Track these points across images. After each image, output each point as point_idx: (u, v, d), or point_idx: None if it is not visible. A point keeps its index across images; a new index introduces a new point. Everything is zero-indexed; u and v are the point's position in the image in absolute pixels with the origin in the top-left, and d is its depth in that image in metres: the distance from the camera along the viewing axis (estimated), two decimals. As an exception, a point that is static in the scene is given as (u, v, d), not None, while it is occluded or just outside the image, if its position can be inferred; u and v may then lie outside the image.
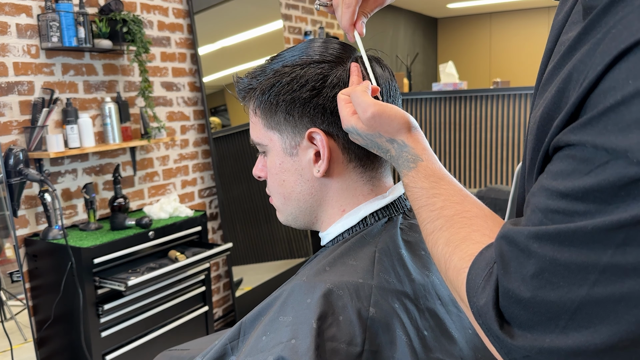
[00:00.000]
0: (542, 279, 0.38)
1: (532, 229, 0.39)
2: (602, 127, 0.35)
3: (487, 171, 4.45)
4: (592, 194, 0.35)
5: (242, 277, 3.10)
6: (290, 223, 0.77)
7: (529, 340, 0.39)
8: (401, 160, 0.61)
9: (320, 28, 3.92)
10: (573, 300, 0.36)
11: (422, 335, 0.62)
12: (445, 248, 0.52)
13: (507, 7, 6.73)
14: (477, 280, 0.45)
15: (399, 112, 0.61)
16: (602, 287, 0.34)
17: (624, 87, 0.34)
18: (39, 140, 2.06)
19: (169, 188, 2.78)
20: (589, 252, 0.35)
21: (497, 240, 0.43)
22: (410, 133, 0.61)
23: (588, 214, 0.35)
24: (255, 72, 0.72)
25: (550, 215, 0.38)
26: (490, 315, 0.42)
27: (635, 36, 0.34)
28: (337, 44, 0.72)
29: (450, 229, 0.52)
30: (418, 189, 0.58)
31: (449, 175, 0.59)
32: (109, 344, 2.06)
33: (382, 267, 0.64)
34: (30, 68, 2.10)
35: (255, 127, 0.74)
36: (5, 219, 1.84)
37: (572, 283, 0.36)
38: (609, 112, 0.35)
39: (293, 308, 0.61)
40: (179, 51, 2.78)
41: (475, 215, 0.52)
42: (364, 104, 0.61)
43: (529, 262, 0.39)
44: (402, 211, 0.74)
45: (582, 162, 0.36)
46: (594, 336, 0.35)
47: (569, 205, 0.37)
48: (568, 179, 0.37)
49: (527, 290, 0.39)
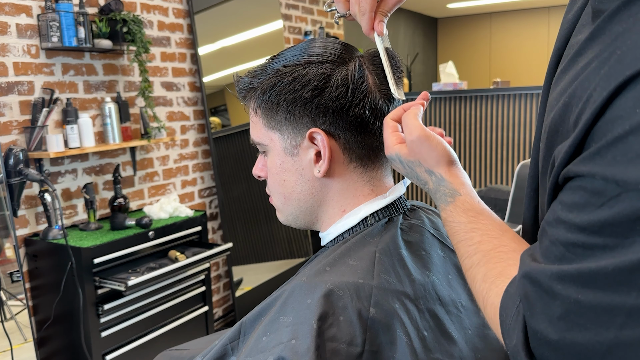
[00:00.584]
0: (569, 321, 0.37)
1: (555, 270, 0.38)
2: (611, 158, 0.34)
3: (487, 171, 4.45)
4: (608, 227, 0.34)
5: (242, 277, 3.10)
6: (291, 223, 0.77)
7: None
8: (439, 194, 0.61)
9: (320, 28, 3.92)
10: (602, 344, 0.35)
11: (422, 336, 0.62)
12: (483, 284, 0.51)
13: (507, 7, 6.73)
14: (508, 320, 0.44)
15: (442, 144, 0.61)
16: (631, 330, 0.33)
17: (631, 116, 0.33)
18: (39, 140, 2.06)
19: (169, 188, 2.78)
20: (613, 294, 0.34)
21: (520, 280, 0.42)
22: (450, 167, 0.61)
23: (607, 249, 0.34)
24: (256, 72, 0.72)
25: (572, 249, 0.37)
26: (521, 356, 0.42)
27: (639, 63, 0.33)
28: (338, 43, 0.72)
29: (488, 264, 0.51)
30: (456, 224, 0.58)
31: (488, 210, 0.58)
32: (109, 344, 2.06)
33: (382, 267, 0.64)
34: (30, 68, 2.10)
35: (255, 127, 0.74)
36: (5, 219, 1.84)
37: (600, 326, 0.35)
38: (618, 143, 0.34)
39: (293, 308, 0.61)
40: (179, 51, 2.78)
41: (513, 249, 0.51)
42: (413, 126, 0.61)
43: (555, 303, 0.38)
44: (402, 211, 0.74)
45: (594, 195, 0.35)
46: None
47: (588, 238, 0.36)
48: (583, 212, 0.36)
49: (555, 332, 0.38)
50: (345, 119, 0.68)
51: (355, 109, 0.68)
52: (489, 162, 4.43)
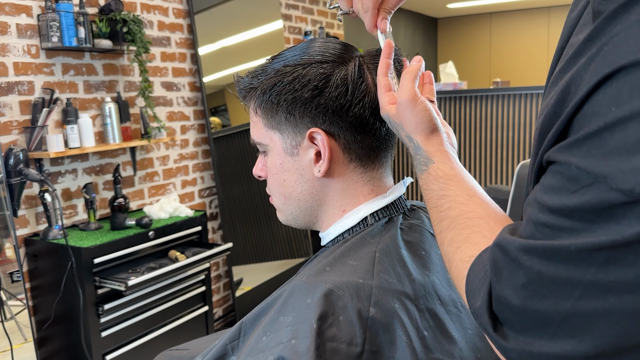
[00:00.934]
0: (531, 290, 0.40)
1: (522, 242, 0.41)
2: (585, 151, 0.37)
3: (487, 171, 4.45)
4: (578, 212, 0.37)
5: (242, 277, 3.10)
6: (291, 223, 0.77)
7: (521, 344, 0.41)
8: (416, 162, 0.64)
9: (320, 28, 3.92)
10: (559, 312, 0.38)
11: (422, 336, 0.62)
12: (449, 248, 0.55)
13: (507, 7, 6.73)
14: (475, 282, 0.48)
15: (425, 111, 0.62)
16: (586, 302, 0.36)
17: (606, 113, 0.36)
18: (39, 140, 2.06)
19: (169, 188, 2.78)
20: (574, 268, 0.37)
21: (492, 247, 0.45)
22: (428, 135, 0.63)
23: (574, 232, 0.37)
24: (256, 72, 0.72)
25: (541, 229, 0.40)
26: (484, 317, 0.45)
27: (620, 61, 0.35)
28: (338, 43, 0.72)
29: (454, 230, 0.55)
30: (429, 191, 0.61)
31: (460, 175, 0.60)
32: (109, 344, 2.06)
33: (382, 267, 0.64)
34: (30, 68, 2.10)
35: (255, 127, 0.74)
36: (6, 219, 1.84)
37: (558, 296, 0.38)
38: (593, 137, 0.36)
39: (293, 308, 0.61)
40: (179, 51, 2.78)
41: (478, 216, 0.55)
42: (404, 87, 0.63)
43: (519, 272, 0.41)
44: (402, 211, 0.74)
45: (569, 181, 0.38)
46: (580, 345, 0.37)
47: (557, 220, 0.38)
48: (557, 196, 0.39)
49: (518, 298, 0.41)
50: (345, 119, 0.68)
51: (355, 108, 0.68)
52: (489, 162, 4.43)
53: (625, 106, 0.34)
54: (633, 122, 0.34)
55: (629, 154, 0.34)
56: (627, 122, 0.34)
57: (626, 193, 0.34)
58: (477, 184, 0.60)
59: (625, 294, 0.35)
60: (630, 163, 0.34)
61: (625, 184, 0.34)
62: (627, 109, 0.34)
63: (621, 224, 0.34)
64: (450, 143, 0.64)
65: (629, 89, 0.35)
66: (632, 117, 0.34)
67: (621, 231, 0.34)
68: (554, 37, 6.49)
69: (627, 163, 0.34)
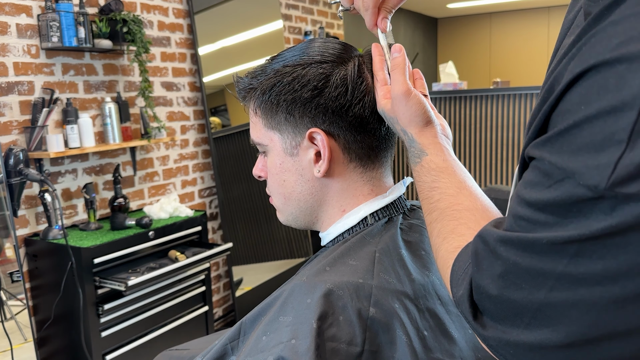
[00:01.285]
0: (507, 280, 0.41)
1: (500, 233, 0.43)
2: (558, 147, 0.38)
3: (487, 171, 4.45)
4: (551, 207, 0.38)
5: (242, 277, 3.10)
6: (291, 223, 0.77)
7: (498, 332, 0.43)
8: (410, 154, 0.65)
9: (320, 28, 3.92)
10: (533, 302, 0.39)
11: (422, 336, 0.62)
12: (437, 239, 0.57)
13: (507, 7, 6.73)
14: (459, 272, 0.49)
15: (418, 104, 0.63)
16: (558, 293, 0.38)
17: (577, 112, 0.37)
18: (39, 140, 2.06)
19: (169, 188, 2.78)
20: (547, 260, 0.38)
21: (474, 237, 0.47)
22: (423, 128, 0.64)
23: (547, 225, 0.38)
24: (255, 72, 0.72)
25: (519, 222, 0.41)
26: (465, 305, 0.46)
27: (591, 60, 0.36)
28: (338, 44, 0.72)
29: (442, 221, 0.57)
30: (421, 183, 0.62)
31: (452, 168, 0.61)
32: (109, 344, 2.06)
33: (382, 267, 0.64)
34: (30, 68, 2.10)
35: (255, 127, 0.74)
36: (5, 219, 1.84)
37: (533, 286, 0.39)
38: (564, 134, 0.38)
39: (293, 308, 0.61)
40: (179, 51, 2.78)
41: (466, 208, 0.56)
42: (396, 82, 0.64)
43: (497, 262, 0.42)
44: (402, 211, 0.74)
45: (544, 176, 0.39)
46: (553, 335, 0.38)
47: (533, 214, 0.40)
48: (533, 190, 0.40)
49: (495, 288, 0.42)
50: (345, 119, 0.68)
51: (355, 108, 0.68)
52: (489, 162, 4.43)
53: (594, 105, 0.36)
54: (599, 121, 0.35)
55: (596, 151, 0.35)
56: (594, 121, 0.35)
57: (592, 189, 0.35)
58: (469, 177, 0.62)
59: (594, 285, 0.36)
60: (596, 160, 0.35)
61: (591, 180, 0.35)
62: (595, 107, 0.35)
63: (589, 219, 0.36)
64: (444, 134, 0.65)
65: (597, 88, 0.36)
66: (598, 116, 0.35)
67: (589, 226, 0.35)
68: (554, 37, 6.49)
69: (592, 160, 0.35)
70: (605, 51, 0.36)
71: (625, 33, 0.35)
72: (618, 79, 0.35)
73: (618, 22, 0.36)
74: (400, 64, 0.66)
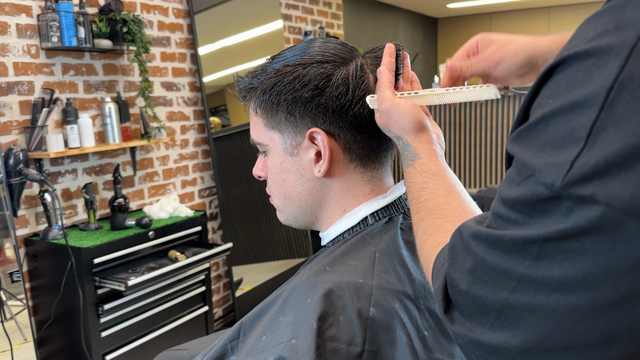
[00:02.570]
0: (475, 276, 0.40)
1: (474, 228, 0.42)
2: (527, 142, 0.37)
3: (487, 171, 4.45)
4: (519, 205, 0.37)
5: (242, 277, 3.10)
6: (291, 223, 0.77)
7: (465, 329, 0.42)
8: (403, 157, 0.66)
9: (320, 28, 3.92)
10: (496, 302, 0.38)
11: (423, 336, 0.62)
12: (422, 236, 0.57)
13: (507, 7, 6.73)
14: (438, 266, 0.49)
15: (411, 113, 0.64)
16: (519, 295, 0.36)
17: (545, 105, 0.35)
18: (39, 140, 2.06)
19: (169, 188, 2.78)
20: (510, 259, 0.37)
21: (454, 231, 0.46)
22: (417, 134, 0.64)
23: (517, 224, 0.37)
24: (256, 72, 0.72)
25: (495, 218, 0.40)
26: (439, 298, 0.46)
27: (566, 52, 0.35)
28: (338, 44, 0.72)
29: (429, 219, 0.57)
30: (411, 184, 0.63)
31: (444, 172, 0.62)
32: (109, 344, 2.06)
33: (382, 267, 0.64)
34: (30, 68, 2.10)
35: (255, 127, 0.74)
36: (5, 219, 1.84)
37: (497, 285, 0.38)
38: (533, 129, 0.36)
39: (293, 308, 0.61)
40: (179, 51, 2.78)
41: (453, 208, 0.57)
42: (381, 99, 0.65)
43: (468, 257, 0.41)
44: (402, 211, 0.74)
45: (517, 173, 0.38)
46: (512, 339, 0.37)
47: (506, 211, 0.38)
48: (508, 187, 0.39)
49: (465, 283, 0.41)
50: (345, 119, 0.68)
51: (355, 108, 0.68)
52: (489, 162, 4.43)
53: (560, 98, 0.34)
54: (564, 116, 0.34)
55: (557, 148, 0.34)
56: (558, 116, 0.34)
57: (549, 187, 0.34)
58: (459, 183, 0.62)
59: (552, 292, 0.34)
60: (555, 157, 0.33)
61: (548, 177, 0.34)
62: (560, 102, 0.34)
63: (550, 219, 0.34)
64: (439, 143, 0.66)
65: (566, 82, 0.34)
66: (563, 111, 0.34)
67: (547, 226, 0.34)
68: (554, 37, 6.49)
69: (552, 157, 0.34)
70: (580, 43, 0.34)
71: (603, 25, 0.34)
72: (586, 73, 0.33)
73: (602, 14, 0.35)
74: (384, 81, 0.66)
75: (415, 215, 0.60)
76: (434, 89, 0.68)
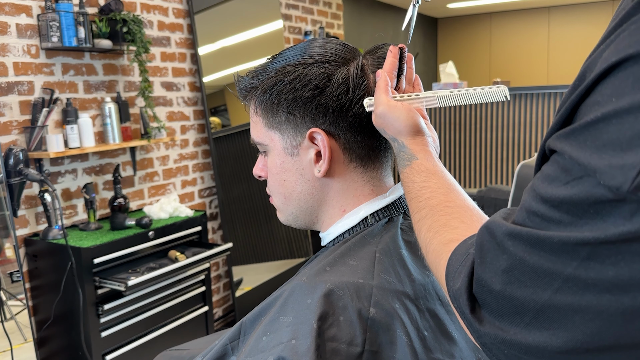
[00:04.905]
0: (512, 276, 0.39)
1: (510, 227, 0.40)
2: (582, 141, 0.35)
3: (487, 171, 4.45)
4: (566, 205, 0.36)
5: (242, 277, 3.10)
6: (291, 223, 0.77)
7: (496, 329, 0.41)
8: (399, 158, 0.66)
9: (320, 28, 3.92)
10: (536, 302, 0.37)
11: (423, 336, 0.62)
12: (427, 234, 0.56)
13: (507, 7, 6.73)
14: (456, 265, 0.47)
15: (407, 116, 0.64)
16: (563, 295, 0.36)
17: (607, 104, 0.34)
18: (39, 140, 2.06)
19: (169, 188, 2.78)
20: (556, 260, 0.36)
21: (480, 229, 0.44)
22: (414, 137, 0.64)
23: (561, 224, 0.36)
24: (256, 71, 0.72)
25: (532, 217, 0.39)
26: (463, 298, 0.44)
27: (630, 49, 0.33)
28: (339, 44, 0.72)
29: (433, 216, 0.56)
30: (410, 183, 0.63)
31: (442, 172, 0.62)
32: (109, 344, 2.05)
33: (382, 267, 0.64)
34: (30, 68, 2.09)
35: (256, 127, 0.74)
36: (5, 219, 1.84)
37: (538, 286, 0.37)
38: (590, 127, 0.35)
39: (293, 308, 0.61)
40: (179, 51, 2.78)
41: (457, 205, 0.56)
42: (377, 102, 0.66)
43: (503, 257, 0.40)
44: (402, 211, 0.74)
45: (563, 171, 0.37)
46: (552, 339, 0.36)
47: (547, 211, 0.37)
48: (550, 185, 0.38)
49: (498, 283, 0.40)
50: (345, 119, 0.68)
51: (355, 108, 0.68)
52: (489, 162, 4.43)
53: (626, 98, 0.33)
54: (630, 116, 0.32)
55: (622, 149, 0.32)
56: (624, 115, 0.33)
57: (613, 190, 0.32)
58: (457, 183, 0.62)
59: (602, 292, 0.34)
60: (622, 159, 0.32)
61: (613, 180, 0.32)
62: (627, 101, 0.32)
63: (607, 222, 0.33)
64: (434, 146, 0.66)
65: (633, 80, 0.33)
66: (630, 110, 0.32)
67: (605, 229, 0.33)
68: (554, 37, 6.49)
69: (617, 159, 0.32)
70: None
71: None
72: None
73: None
74: (381, 85, 0.66)
75: (416, 214, 0.60)
76: (436, 90, 0.68)
